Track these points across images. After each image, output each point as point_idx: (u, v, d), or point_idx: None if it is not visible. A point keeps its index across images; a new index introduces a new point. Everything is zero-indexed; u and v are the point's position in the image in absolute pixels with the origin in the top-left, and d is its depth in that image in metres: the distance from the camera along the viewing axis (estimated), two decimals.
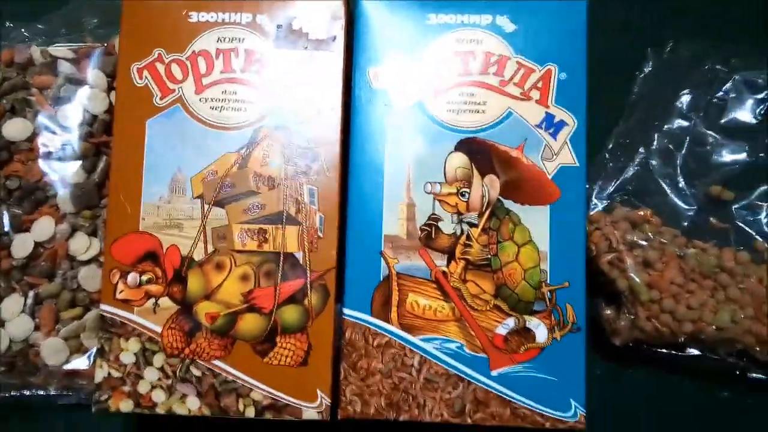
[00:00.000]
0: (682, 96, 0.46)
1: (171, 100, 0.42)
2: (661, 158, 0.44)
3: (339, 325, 0.40)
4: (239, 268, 0.40)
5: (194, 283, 0.40)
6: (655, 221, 0.43)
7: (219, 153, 0.41)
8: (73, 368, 0.43)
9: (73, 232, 0.44)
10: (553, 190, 0.40)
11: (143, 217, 0.41)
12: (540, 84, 0.41)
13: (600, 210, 0.44)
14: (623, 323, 0.41)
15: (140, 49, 0.42)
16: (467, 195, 0.40)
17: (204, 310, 0.40)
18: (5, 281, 0.44)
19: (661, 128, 0.45)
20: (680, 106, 0.45)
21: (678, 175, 0.44)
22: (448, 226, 0.40)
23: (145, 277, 0.40)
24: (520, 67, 0.41)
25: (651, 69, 0.46)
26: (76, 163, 0.45)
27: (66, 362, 0.43)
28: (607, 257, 0.42)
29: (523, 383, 0.39)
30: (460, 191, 0.40)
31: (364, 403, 0.39)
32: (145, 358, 0.40)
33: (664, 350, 0.42)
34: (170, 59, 0.42)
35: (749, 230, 0.43)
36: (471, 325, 0.39)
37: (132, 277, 0.40)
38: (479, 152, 0.40)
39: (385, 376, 0.39)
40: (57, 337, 0.43)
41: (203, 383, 0.40)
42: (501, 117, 0.41)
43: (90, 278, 0.44)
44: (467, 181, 0.40)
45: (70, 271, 0.44)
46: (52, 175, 0.45)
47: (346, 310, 0.40)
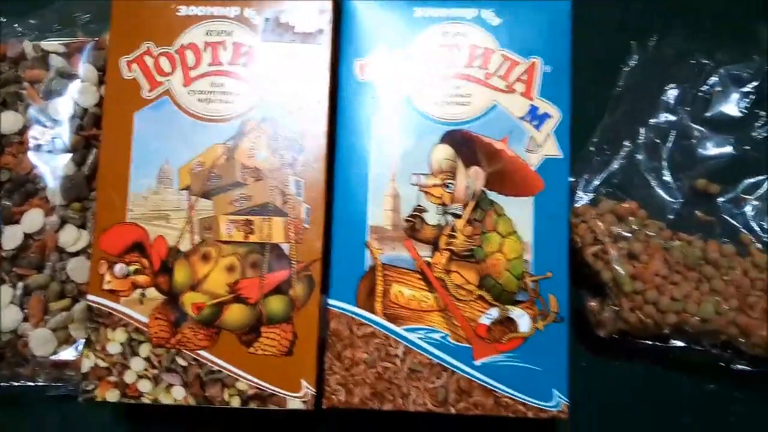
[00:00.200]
0: (668, 89, 0.46)
1: (159, 92, 0.42)
2: (647, 151, 0.45)
3: (324, 315, 0.40)
4: (225, 259, 0.40)
5: (180, 274, 0.40)
6: (640, 214, 0.43)
7: (206, 145, 0.41)
8: (62, 359, 0.43)
9: (63, 224, 0.45)
10: (537, 181, 0.40)
11: (131, 208, 0.41)
12: (524, 77, 0.41)
13: (586, 203, 0.44)
14: (607, 315, 0.42)
15: (129, 43, 0.43)
16: (452, 186, 0.40)
17: (190, 300, 0.40)
18: None
19: (647, 122, 0.45)
20: (666, 100, 0.46)
21: (663, 169, 0.44)
22: (432, 217, 0.40)
23: (132, 268, 0.41)
24: (505, 59, 0.41)
25: (636, 62, 0.47)
26: (66, 156, 0.45)
27: (54, 353, 0.43)
28: (591, 249, 0.42)
29: (506, 373, 0.39)
30: (445, 183, 0.40)
31: (348, 392, 0.39)
32: (131, 348, 0.40)
33: (649, 342, 0.42)
34: (159, 52, 0.42)
35: (734, 223, 0.43)
36: (455, 315, 0.39)
37: (119, 268, 0.41)
38: (464, 144, 0.40)
39: (369, 366, 0.39)
40: (45, 328, 0.43)
41: (189, 373, 0.40)
42: (486, 109, 0.41)
43: (79, 270, 0.44)
44: (452, 172, 0.40)
45: (59, 263, 0.44)
46: (43, 167, 0.45)
47: (331, 301, 0.40)
